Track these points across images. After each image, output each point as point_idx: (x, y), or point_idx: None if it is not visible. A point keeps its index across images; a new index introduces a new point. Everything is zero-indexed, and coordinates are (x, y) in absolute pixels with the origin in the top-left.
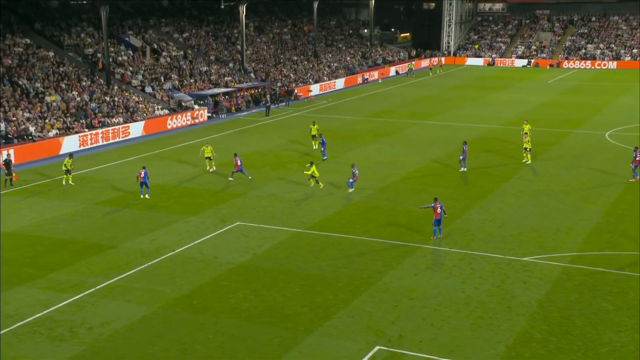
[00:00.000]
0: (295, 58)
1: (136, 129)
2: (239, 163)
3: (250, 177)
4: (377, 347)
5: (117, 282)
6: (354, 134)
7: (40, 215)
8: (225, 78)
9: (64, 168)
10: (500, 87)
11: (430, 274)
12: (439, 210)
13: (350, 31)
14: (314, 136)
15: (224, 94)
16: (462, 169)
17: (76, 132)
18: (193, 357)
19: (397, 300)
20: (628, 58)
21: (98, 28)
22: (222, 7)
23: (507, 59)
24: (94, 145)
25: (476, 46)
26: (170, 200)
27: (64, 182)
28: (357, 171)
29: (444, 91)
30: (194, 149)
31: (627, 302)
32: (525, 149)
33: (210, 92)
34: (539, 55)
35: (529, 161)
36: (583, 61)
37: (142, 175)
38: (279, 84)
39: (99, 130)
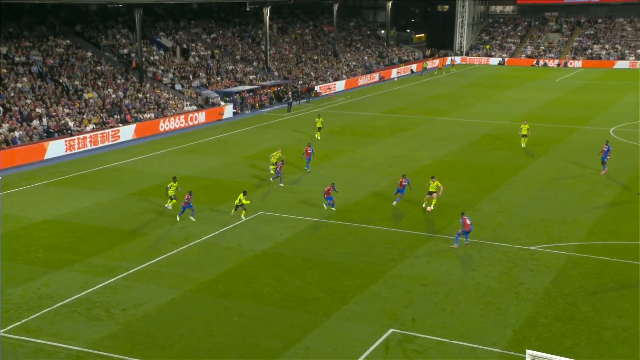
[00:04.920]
0: (316, 57)
1: (126, 132)
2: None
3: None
4: (391, 330)
5: (148, 267)
6: (372, 129)
7: (78, 204)
8: (250, 76)
9: (170, 193)
10: (510, 86)
11: (442, 262)
12: (468, 221)
13: (368, 32)
14: (319, 128)
15: (249, 91)
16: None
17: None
18: (219, 338)
19: (411, 286)
20: (632, 58)
21: (132, 30)
22: (248, 9)
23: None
24: (81, 149)
25: (487, 46)
26: (198, 191)
27: (169, 206)
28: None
29: (457, 89)
30: (221, 143)
31: (629, 289)
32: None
33: (235, 89)
34: (546, 55)
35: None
36: (589, 61)
37: (187, 199)
38: (300, 82)
39: (87, 135)
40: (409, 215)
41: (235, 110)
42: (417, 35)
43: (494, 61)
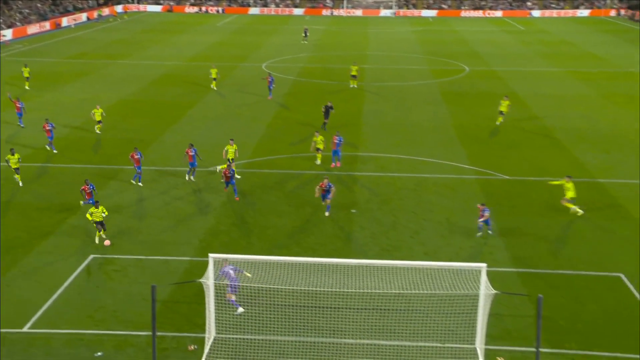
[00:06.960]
0: None
1: None
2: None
3: None
4: (91, 256)
5: None
6: (55, 75)
7: None
8: None
9: (12, 166)
10: (180, 31)
11: (134, 191)
12: (229, 173)
13: None
14: (27, 78)
15: None
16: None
17: None
18: None
19: (109, 215)
20: (273, 6)
21: None
22: None
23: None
24: None
25: None
26: None
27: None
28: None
29: (132, 35)
30: None
31: (284, 192)
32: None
33: None
34: (207, 3)
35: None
36: (239, 8)
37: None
38: None
39: None
40: (100, 152)
41: None
42: None
43: (156, 8)
